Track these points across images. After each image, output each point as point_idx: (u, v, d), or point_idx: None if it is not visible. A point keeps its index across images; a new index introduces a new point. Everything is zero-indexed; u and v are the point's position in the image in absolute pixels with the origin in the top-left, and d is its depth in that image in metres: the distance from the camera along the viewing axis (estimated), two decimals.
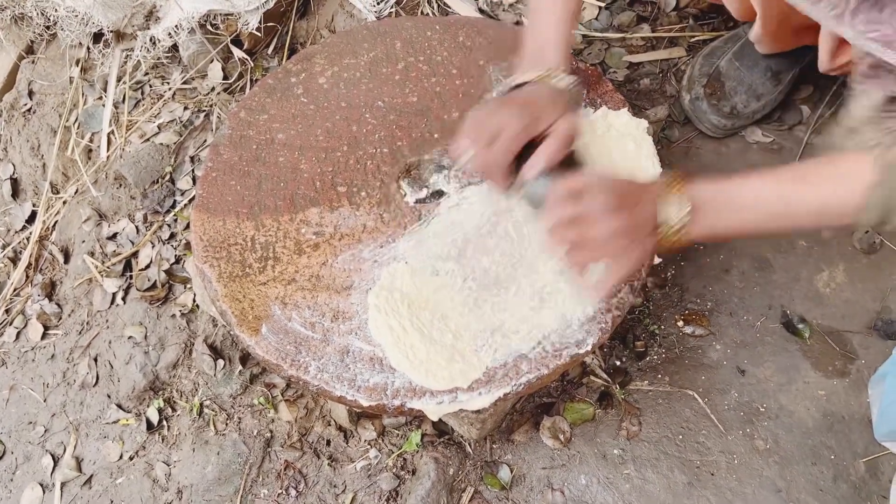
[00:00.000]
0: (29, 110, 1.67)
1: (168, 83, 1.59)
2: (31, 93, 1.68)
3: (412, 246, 1.03)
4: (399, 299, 0.98)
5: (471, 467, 1.14)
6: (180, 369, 1.31)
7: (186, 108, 1.56)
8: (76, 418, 1.33)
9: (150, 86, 1.60)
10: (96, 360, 1.36)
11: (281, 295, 1.01)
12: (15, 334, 1.46)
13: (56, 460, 1.30)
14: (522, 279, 0.98)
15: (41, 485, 1.29)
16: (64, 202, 1.56)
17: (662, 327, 1.23)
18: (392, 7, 1.52)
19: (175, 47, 1.55)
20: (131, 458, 1.26)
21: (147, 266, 1.42)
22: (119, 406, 1.30)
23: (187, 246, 1.41)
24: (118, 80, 1.60)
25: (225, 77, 1.56)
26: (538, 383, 0.95)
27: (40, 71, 1.68)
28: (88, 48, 1.63)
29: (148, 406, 1.29)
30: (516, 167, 0.89)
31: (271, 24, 1.54)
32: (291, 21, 1.59)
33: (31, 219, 1.59)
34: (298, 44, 1.60)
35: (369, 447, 1.18)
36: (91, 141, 1.59)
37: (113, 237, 1.47)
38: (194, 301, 1.35)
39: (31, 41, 1.70)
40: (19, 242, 1.57)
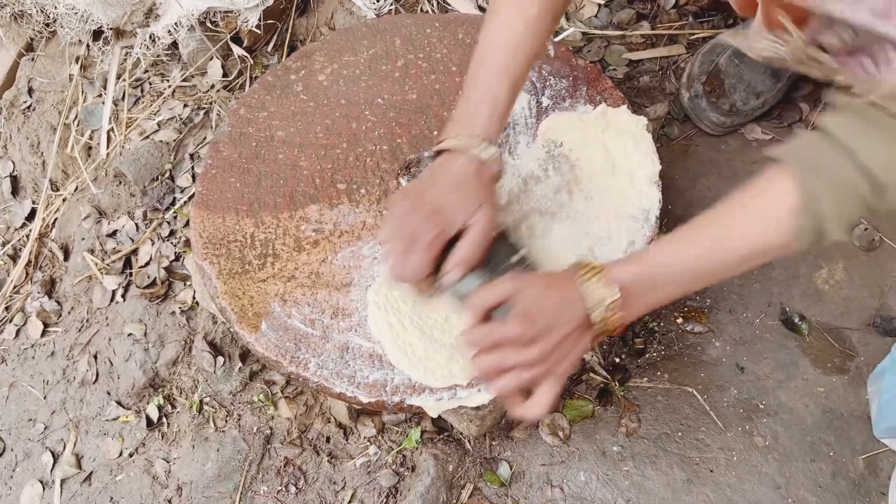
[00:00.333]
0: (29, 108, 1.67)
1: (168, 80, 1.59)
2: (31, 90, 1.68)
3: None
4: (399, 296, 0.98)
5: (470, 464, 1.15)
6: (180, 366, 1.31)
7: (186, 106, 1.55)
8: (76, 415, 1.33)
9: (150, 83, 1.60)
10: (96, 358, 1.36)
11: (280, 292, 1.02)
12: (15, 331, 1.46)
13: (56, 457, 1.30)
14: None
15: (41, 482, 1.29)
16: (64, 199, 1.57)
17: (662, 324, 1.23)
18: (392, 4, 1.52)
19: (175, 45, 1.55)
20: (131, 455, 1.26)
21: (147, 263, 1.42)
22: (119, 403, 1.30)
23: (187, 243, 1.41)
24: (118, 78, 1.60)
25: (224, 74, 1.56)
26: None
27: (40, 68, 1.68)
28: (88, 45, 1.63)
29: (148, 403, 1.29)
30: (442, 258, 0.86)
31: (271, 22, 1.54)
32: (291, 18, 1.59)
33: (31, 216, 1.59)
34: (298, 41, 1.59)
35: (369, 444, 1.18)
36: (91, 138, 1.59)
37: (113, 234, 1.47)
38: (194, 298, 1.35)
39: (31, 38, 1.70)
40: (19, 240, 1.57)
